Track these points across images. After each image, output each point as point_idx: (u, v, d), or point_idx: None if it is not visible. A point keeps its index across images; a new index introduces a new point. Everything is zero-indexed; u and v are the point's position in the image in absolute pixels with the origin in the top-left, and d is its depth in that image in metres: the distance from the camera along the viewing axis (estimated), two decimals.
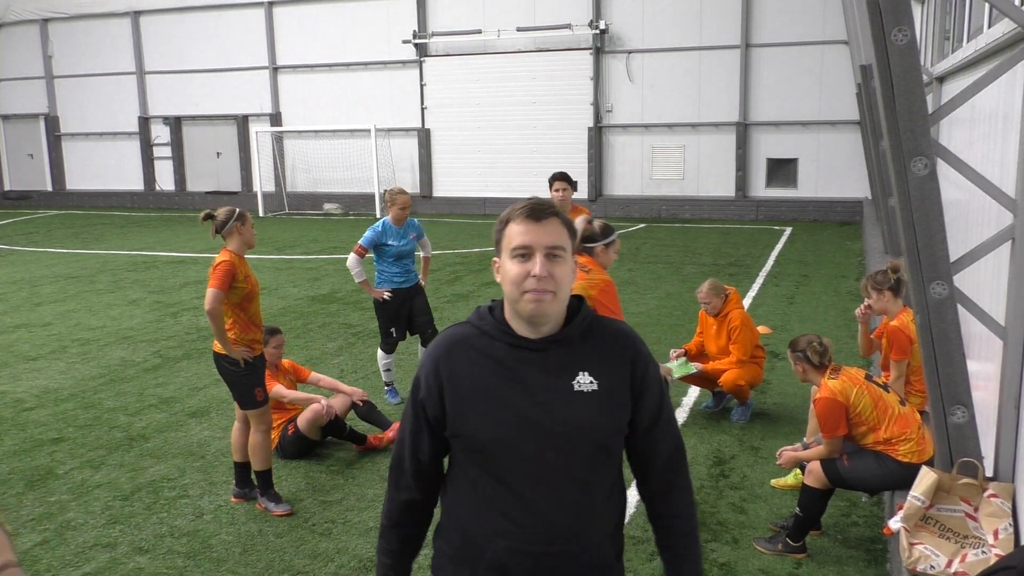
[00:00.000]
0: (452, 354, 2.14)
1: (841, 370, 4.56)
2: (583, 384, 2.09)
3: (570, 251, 2.10)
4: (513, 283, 2.04)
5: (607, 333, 2.18)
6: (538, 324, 2.07)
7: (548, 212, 2.07)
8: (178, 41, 25.40)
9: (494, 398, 2.09)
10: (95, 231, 20.51)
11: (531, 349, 2.09)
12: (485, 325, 2.14)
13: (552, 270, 2.02)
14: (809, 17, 19.53)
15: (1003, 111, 4.84)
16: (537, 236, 2.03)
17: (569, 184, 7.18)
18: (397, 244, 7.05)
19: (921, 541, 3.91)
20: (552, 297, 2.02)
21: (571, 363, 2.10)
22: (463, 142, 22.76)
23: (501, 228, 2.12)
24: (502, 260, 2.10)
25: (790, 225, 18.91)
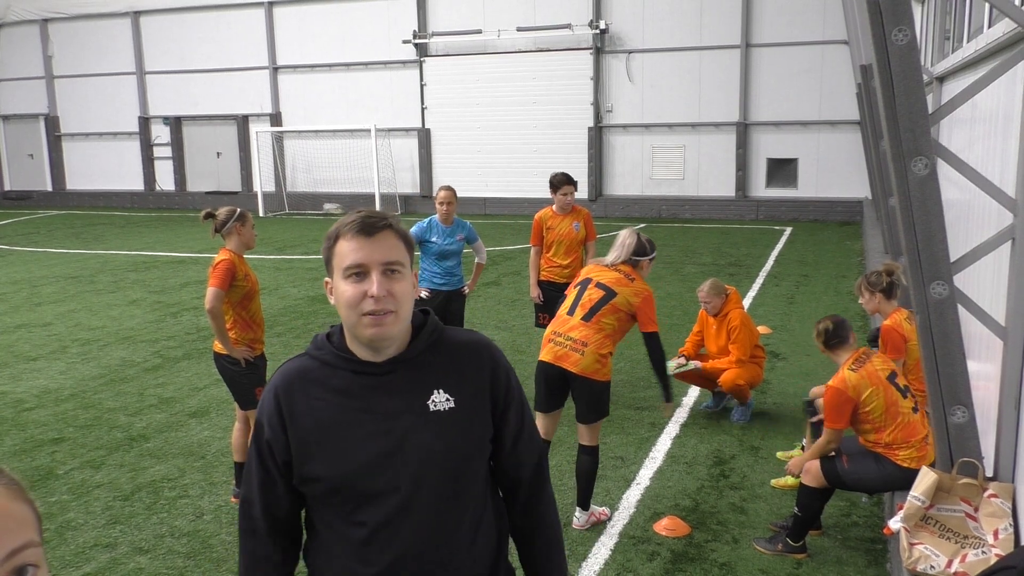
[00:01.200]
0: (292, 390, 1.93)
1: (866, 363, 4.46)
2: (439, 403, 1.91)
3: (409, 264, 1.92)
4: (349, 306, 1.85)
5: (460, 344, 2.00)
6: (380, 348, 1.89)
7: (381, 225, 1.88)
8: (178, 41, 25.40)
9: (340, 433, 1.89)
10: (95, 231, 20.51)
11: (377, 374, 1.91)
12: (324, 354, 1.94)
13: (391, 287, 1.84)
14: (809, 17, 19.53)
15: (1003, 111, 4.84)
16: (371, 252, 1.85)
17: (573, 186, 7.17)
18: (440, 242, 6.82)
19: (921, 541, 3.91)
20: (393, 317, 1.85)
21: (423, 381, 1.92)
22: (463, 142, 22.76)
23: (330, 246, 1.91)
24: (334, 281, 1.90)
25: (790, 225, 18.91)
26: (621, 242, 5.02)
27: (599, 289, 4.87)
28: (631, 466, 5.87)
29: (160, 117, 26.21)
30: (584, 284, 4.93)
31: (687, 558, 4.62)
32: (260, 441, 1.95)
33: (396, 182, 23.36)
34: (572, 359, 4.79)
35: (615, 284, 4.87)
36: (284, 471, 1.94)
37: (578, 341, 4.79)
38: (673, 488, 5.51)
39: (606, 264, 4.99)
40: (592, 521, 5.03)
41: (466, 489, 1.95)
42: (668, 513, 5.12)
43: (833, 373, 4.59)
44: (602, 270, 4.96)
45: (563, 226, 7.16)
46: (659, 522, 4.99)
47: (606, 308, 4.82)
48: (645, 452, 6.11)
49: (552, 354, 4.84)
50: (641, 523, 5.04)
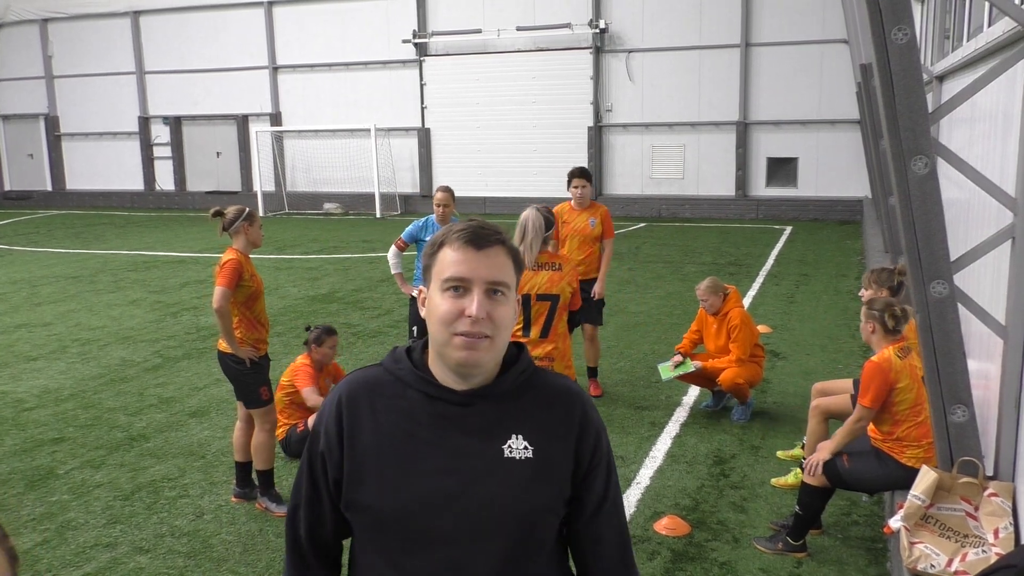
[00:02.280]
0: (357, 401, 1.75)
1: (910, 354, 4.44)
2: (516, 450, 1.70)
3: (515, 288, 1.73)
4: (442, 322, 1.66)
5: (551, 389, 1.79)
6: (467, 375, 1.70)
7: (493, 239, 1.70)
8: (178, 41, 25.40)
9: (400, 461, 1.69)
10: (95, 231, 20.51)
11: (454, 403, 1.71)
12: (400, 370, 1.76)
13: (492, 310, 1.65)
14: (809, 16, 19.53)
15: (1003, 110, 4.84)
16: (476, 268, 1.66)
17: (587, 180, 7.13)
18: None
19: (921, 540, 3.91)
20: (488, 344, 1.65)
21: (503, 423, 1.72)
22: (463, 142, 22.76)
23: (433, 252, 1.73)
24: (430, 292, 1.72)
25: (790, 224, 18.91)
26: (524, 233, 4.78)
27: (542, 301, 4.77)
28: (631, 465, 5.87)
29: (160, 117, 26.20)
30: (525, 301, 4.78)
31: (687, 557, 4.62)
32: (314, 451, 1.77)
33: (396, 182, 23.35)
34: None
35: (552, 287, 4.77)
36: (333, 489, 1.75)
37: (544, 358, 4.76)
38: (673, 487, 5.51)
39: (530, 268, 4.79)
40: None
41: (531, 552, 1.72)
42: (668, 512, 5.12)
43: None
44: (530, 277, 4.78)
45: (579, 221, 7.13)
46: (659, 521, 4.99)
47: (557, 315, 4.79)
48: (645, 451, 6.11)
49: None
50: (641, 522, 5.04)
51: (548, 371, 1.85)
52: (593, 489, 1.78)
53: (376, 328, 9.94)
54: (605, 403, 7.15)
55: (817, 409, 5.33)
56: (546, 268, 4.79)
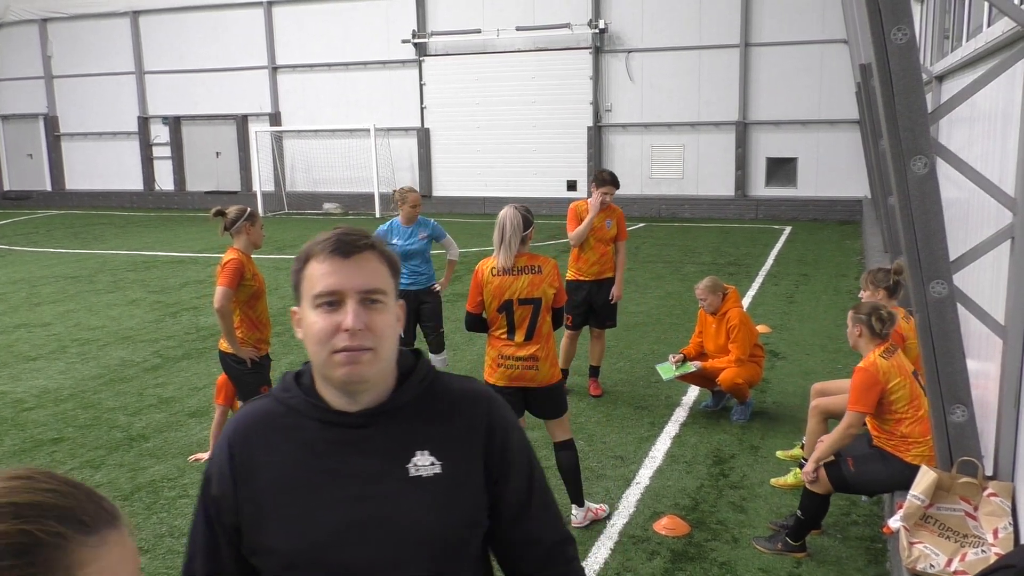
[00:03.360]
0: (249, 438, 1.64)
1: (896, 354, 4.46)
2: (421, 467, 1.60)
3: (393, 293, 1.62)
4: (318, 341, 1.55)
5: (453, 395, 1.68)
6: (355, 392, 1.59)
7: (362, 244, 1.59)
8: (177, 41, 25.39)
9: (301, 498, 1.59)
10: (95, 231, 20.51)
11: (350, 426, 1.60)
12: (291, 398, 1.64)
13: (370, 320, 1.55)
14: (808, 16, 19.52)
15: (1003, 110, 4.84)
16: (347, 277, 1.56)
17: (617, 187, 7.06)
18: (402, 243, 6.87)
19: (921, 540, 3.91)
20: (371, 356, 1.55)
21: (405, 440, 1.61)
22: (463, 142, 22.76)
23: (299, 268, 1.62)
24: (303, 310, 1.61)
25: (790, 224, 18.91)
26: (502, 232, 4.73)
27: (524, 305, 4.75)
28: (631, 465, 5.87)
29: (159, 117, 26.19)
30: (508, 307, 4.76)
31: (687, 557, 4.62)
32: (207, 497, 1.66)
33: (395, 182, 23.32)
34: (528, 376, 4.79)
35: (533, 290, 4.75)
36: (233, 536, 1.64)
37: (528, 359, 4.76)
38: (673, 487, 5.51)
39: (506, 268, 4.75)
40: (590, 518, 5.03)
41: (457, 570, 1.64)
42: (668, 512, 5.12)
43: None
44: (511, 282, 4.76)
45: (596, 221, 7.12)
46: (659, 521, 4.99)
47: (540, 317, 4.79)
48: (645, 451, 6.11)
49: (506, 377, 4.78)
50: (641, 522, 5.04)
51: (451, 376, 1.75)
52: (513, 490, 1.68)
53: None
54: (605, 403, 7.15)
55: (816, 409, 5.33)
56: (526, 272, 4.77)
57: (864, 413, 4.38)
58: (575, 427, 6.36)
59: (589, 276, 7.11)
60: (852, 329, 4.58)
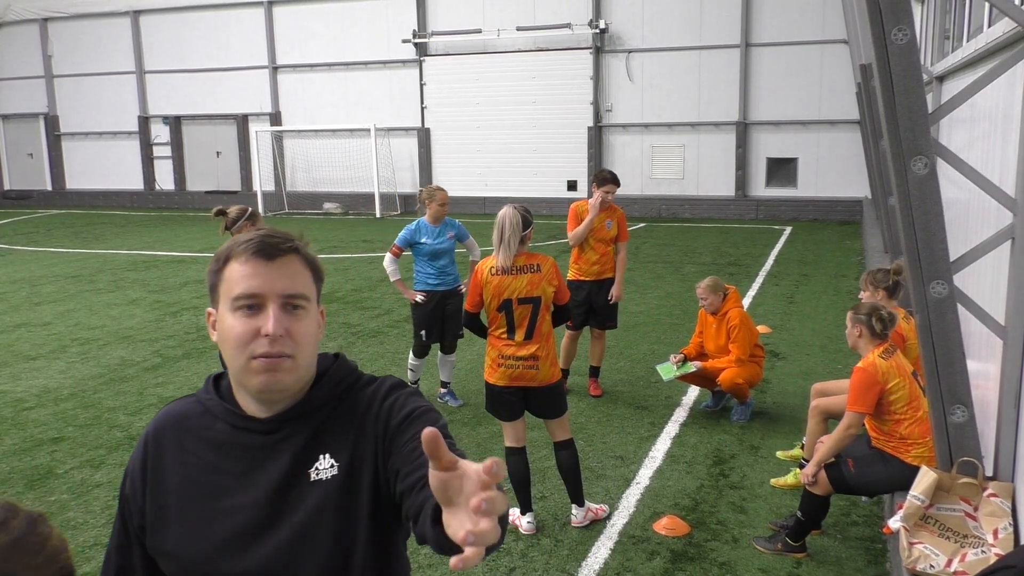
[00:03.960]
0: (163, 438, 1.60)
1: (895, 354, 4.46)
2: (321, 470, 1.53)
3: (315, 299, 1.57)
4: (236, 345, 1.49)
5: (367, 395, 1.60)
6: (270, 401, 1.55)
7: (285, 247, 1.53)
8: (178, 40, 25.40)
9: (203, 502, 1.55)
10: (95, 230, 20.51)
11: (260, 432, 1.55)
12: (208, 400, 1.61)
13: (291, 326, 1.49)
14: (809, 17, 19.53)
15: (1003, 110, 4.84)
16: (268, 280, 1.49)
17: (617, 186, 7.06)
18: (431, 242, 6.80)
19: (921, 540, 3.91)
20: (291, 363, 1.49)
21: (311, 445, 1.55)
22: (463, 142, 22.76)
23: (218, 269, 1.55)
24: (220, 313, 1.54)
25: (790, 224, 18.91)
26: (501, 231, 4.74)
27: (524, 304, 4.76)
28: (631, 465, 5.87)
29: (160, 116, 26.20)
30: (507, 306, 4.77)
31: (687, 557, 4.62)
32: (122, 494, 1.64)
33: (396, 181, 23.35)
34: (528, 376, 4.79)
35: (533, 289, 4.76)
36: (141, 536, 1.61)
37: (529, 358, 4.76)
38: (673, 487, 5.51)
39: (506, 268, 4.75)
40: (591, 517, 5.03)
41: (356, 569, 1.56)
42: (668, 512, 5.12)
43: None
44: (510, 282, 4.76)
45: (596, 221, 7.11)
46: (659, 521, 4.99)
47: (540, 316, 4.79)
48: (645, 451, 6.11)
49: (506, 377, 4.80)
50: (641, 522, 5.04)
51: (369, 378, 1.64)
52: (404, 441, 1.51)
53: (376, 328, 9.94)
54: (605, 403, 7.15)
55: (816, 409, 5.33)
56: (525, 271, 4.78)
57: (863, 413, 4.38)
58: (575, 427, 6.36)
59: (589, 276, 7.11)
60: (852, 330, 4.58)
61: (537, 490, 5.39)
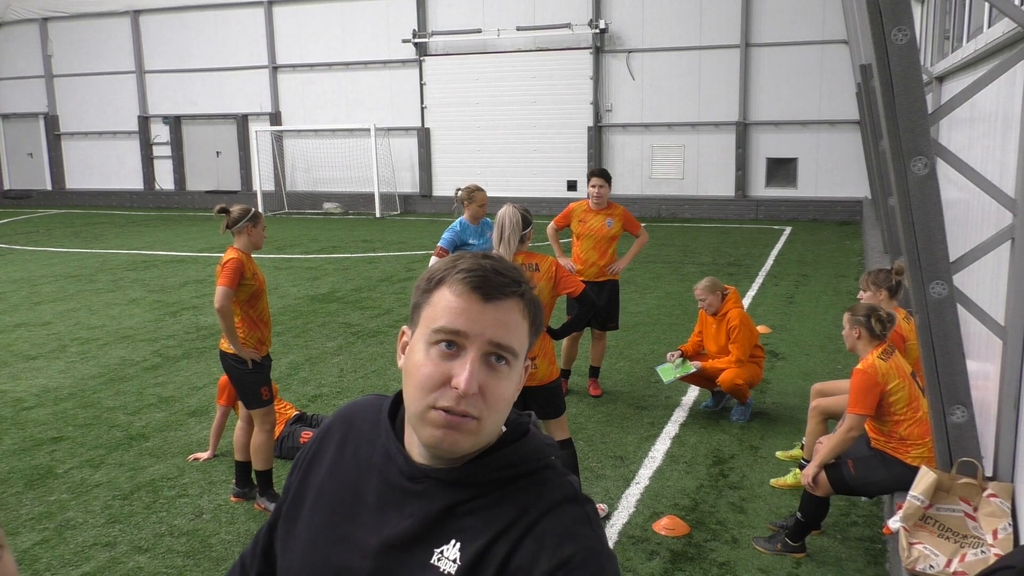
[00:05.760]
0: (334, 431, 1.47)
1: (893, 355, 4.45)
2: (445, 559, 1.29)
3: (524, 356, 1.35)
4: (420, 387, 1.28)
5: (536, 493, 1.32)
6: (437, 457, 1.32)
7: (509, 289, 1.31)
8: (178, 40, 25.39)
9: (332, 518, 1.39)
10: (95, 230, 20.51)
11: (404, 474, 1.34)
12: (383, 416, 1.43)
13: (487, 384, 1.28)
14: (809, 17, 19.53)
15: (1003, 111, 4.84)
16: (479, 322, 1.28)
17: (605, 180, 7.08)
18: (478, 243, 6.76)
19: (920, 541, 3.91)
20: (475, 426, 1.27)
21: (448, 521, 1.31)
22: (463, 141, 22.76)
23: (428, 289, 1.33)
24: (414, 340, 1.33)
25: (790, 225, 18.91)
26: (501, 231, 4.73)
27: None
28: (630, 465, 5.87)
29: (159, 116, 26.19)
30: None
31: (686, 557, 4.62)
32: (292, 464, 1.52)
33: (396, 181, 23.35)
34: (527, 376, 4.76)
35: None
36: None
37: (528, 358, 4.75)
38: (672, 487, 5.51)
39: None
40: None
41: None
42: (667, 512, 5.12)
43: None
44: None
45: (595, 221, 7.09)
46: (658, 521, 4.99)
47: None
48: (644, 451, 6.11)
49: None
50: (640, 522, 5.04)
51: (567, 485, 1.36)
52: None
53: (376, 328, 9.94)
54: (605, 403, 7.15)
55: (816, 410, 5.33)
56: (524, 269, 4.76)
57: (864, 415, 4.37)
58: (575, 427, 6.36)
59: (589, 276, 7.09)
60: (850, 331, 4.56)
61: None
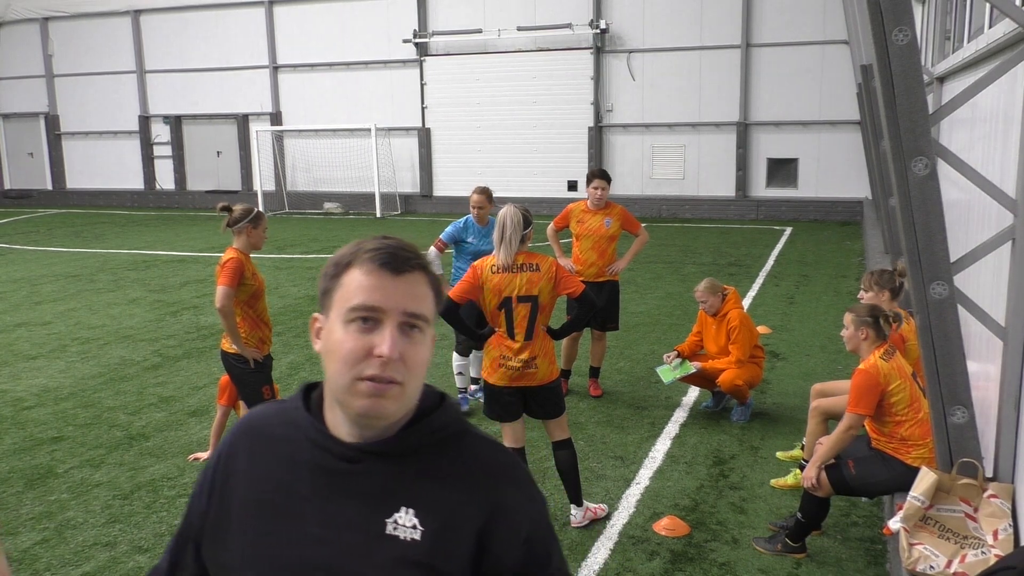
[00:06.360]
0: (240, 443, 1.51)
1: (894, 355, 4.45)
2: (401, 527, 1.38)
3: (433, 323, 1.44)
4: (344, 362, 1.36)
5: (467, 457, 1.44)
6: (367, 427, 1.40)
7: (413, 262, 1.41)
8: (178, 40, 25.39)
9: (262, 521, 1.43)
10: (95, 230, 20.51)
11: (340, 458, 1.41)
12: (294, 409, 1.49)
13: (406, 350, 1.36)
14: (809, 17, 19.52)
15: (1004, 111, 4.84)
16: (393, 295, 1.37)
17: (608, 183, 7.06)
18: (476, 242, 6.79)
19: (921, 541, 3.91)
20: (398, 391, 1.36)
21: (394, 490, 1.40)
22: (463, 141, 22.76)
23: (336, 274, 1.42)
24: (330, 322, 1.41)
25: (790, 225, 18.91)
26: (502, 230, 4.74)
27: (523, 303, 4.75)
28: (631, 466, 5.87)
29: (160, 116, 26.19)
30: (507, 304, 4.77)
31: (687, 558, 4.62)
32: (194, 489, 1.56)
33: (396, 181, 23.35)
34: (528, 376, 4.80)
35: (532, 288, 4.75)
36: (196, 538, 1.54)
37: (529, 361, 4.77)
38: (673, 488, 5.51)
39: (506, 266, 4.75)
40: (589, 517, 5.03)
41: None
42: (668, 513, 5.12)
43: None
44: (511, 279, 4.76)
45: (593, 221, 7.08)
46: (659, 522, 4.99)
47: (539, 315, 4.79)
48: (645, 452, 6.11)
49: (506, 378, 4.80)
50: (641, 523, 5.04)
51: (477, 435, 1.49)
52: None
53: None
54: (605, 403, 7.15)
55: (816, 410, 5.33)
56: (525, 269, 4.78)
57: (864, 415, 4.37)
58: (575, 427, 6.36)
59: (588, 277, 7.08)
60: (855, 332, 4.52)
61: None
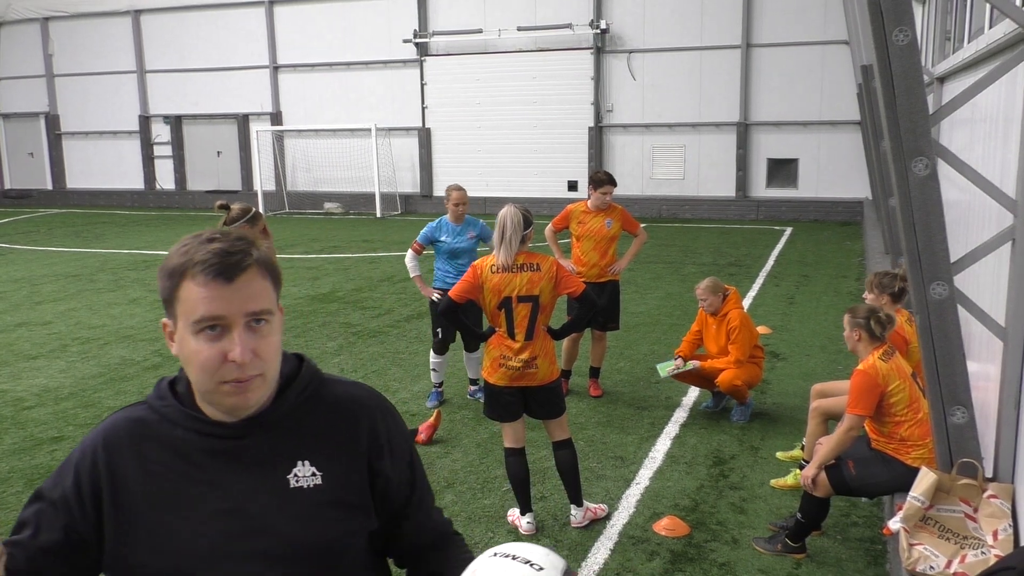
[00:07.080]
0: (119, 447, 1.55)
1: (894, 355, 4.45)
2: (302, 478, 1.54)
3: (277, 304, 1.52)
4: (202, 370, 1.46)
5: (334, 401, 1.61)
6: (241, 414, 1.52)
7: (245, 264, 1.45)
8: (179, 40, 25.40)
9: (176, 511, 1.50)
10: (95, 230, 20.51)
11: (227, 437, 1.52)
12: (166, 407, 1.57)
13: (258, 346, 1.46)
14: (810, 17, 19.53)
15: (1004, 112, 4.84)
16: (231, 302, 1.43)
17: (614, 187, 7.06)
18: (450, 241, 6.83)
19: (920, 541, 3.91)
20: (260, 381, 1.48)
21: (285, 450, 1.54)
22: (463, 142, 22.76)
23: (172, 285, 1.47)
24: (179, 331, 1.49)
25: (790, 225, 18.91)
26: (502, 230, 4.75)
27: (524, 303, 4.76)
28: (631, 466, 5.87)
29: (160, 116, 26.20)
30: (507, 304, 4.77)
31: (686, 558, 4.62)
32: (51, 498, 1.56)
33: (396, 181, 23.36)
34: (529, 376, 4.80)
35: (532, 288, 4.75)
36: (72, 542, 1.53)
37: (530, 361, 4.77)
38: (673, 488, 5.51)
39: (507, 266, 4.76)
40: (589, 517, 5.03)
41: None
42: (668, 513, 5.12)
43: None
44: (510, 279, 4.76)
45: (595, 222, 7.07)
46: (659, 522, 4.99)
47: (540, 315, 4.79)
48: (645, 452, 6.11)
49: (507, 378, 4.81)
50: (641, 523, 5.04)
51: (337, 380, 1.67)
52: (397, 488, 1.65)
53: (376, 328, 9.94)
54: (605, 403, 7.15)
55: (817, 410, 5.33)
56: (525, 269, 4.78)
57: (864, 416, 4.37)
58: (575, 428, 6.36)
59: (590, 277, 7.07)
60: (851, 333, 4.56)
61: (537, 490, 5.39)
